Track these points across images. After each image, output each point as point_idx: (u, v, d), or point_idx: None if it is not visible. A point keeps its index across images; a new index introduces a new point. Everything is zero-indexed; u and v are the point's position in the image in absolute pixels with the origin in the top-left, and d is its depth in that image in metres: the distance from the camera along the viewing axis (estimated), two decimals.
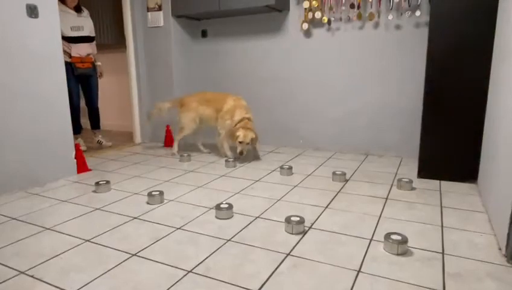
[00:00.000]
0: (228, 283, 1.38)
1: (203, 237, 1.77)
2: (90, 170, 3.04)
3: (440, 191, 2.38)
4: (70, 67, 3.53)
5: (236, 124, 3.14)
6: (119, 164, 3.26)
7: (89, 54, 3.70)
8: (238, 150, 3.09)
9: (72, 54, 3.55)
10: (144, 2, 3.95)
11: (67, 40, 3.48)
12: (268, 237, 1.76)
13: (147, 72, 4.11)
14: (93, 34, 3.78)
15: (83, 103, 3.87)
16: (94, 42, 3.82)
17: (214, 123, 3.43)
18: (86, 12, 3.71)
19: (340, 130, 3.57)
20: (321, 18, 3.37)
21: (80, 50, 3.61)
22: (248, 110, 3.26)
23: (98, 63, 3.92)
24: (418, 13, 3.02)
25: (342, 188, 2.48)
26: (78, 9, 3.61)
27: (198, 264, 1.51)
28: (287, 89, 3.76)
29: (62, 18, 3.39)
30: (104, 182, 2.51)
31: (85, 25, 3.66)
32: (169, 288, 1.35)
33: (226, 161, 3.11)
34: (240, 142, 3.06)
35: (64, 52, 3.44)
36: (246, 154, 3.16)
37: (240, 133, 3.05)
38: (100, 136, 4.09)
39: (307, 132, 3.73)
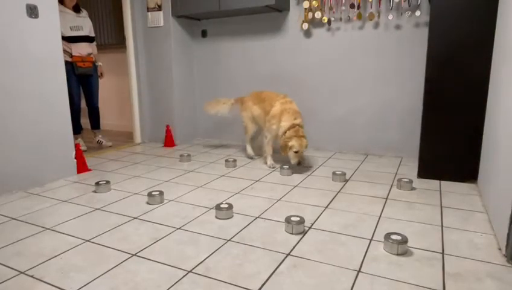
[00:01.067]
0: (228, 283, 1.38)
1: (203, 237, 1.77)
2: (90, 170, 3.04)
3: (440, 191, 2.38)
4: (71, 66, 3.53)
5: (285, 132, 2.83)
6: (119, 164, 3.26)
7: (89, 54, 3.71)
8: (295, 161, 2.81)
9: (73, 54, 3.55)
10: (143, 2, 3.95)
11: (67, 40, 3.49)
12: (268, 237, 1.76)
13: (146, 72, 4.11)
14: (92, 34, 3.79)
15: (83, 103, 3.87)
16: (94, 43, 3.83)
17: (262, 125, 3.18)
18: (84, 13, 3.72)
19: (340, 130, 3.57)
20: (321, 18, 3.37)
21: (80, 49, 3.61)
22: (297, 114, 2.92)
23: (99, 64, 3.92)
24: (418, 13, 3.02)
25: (342, 188, 2.48)
26: (76, 9, 3.62)
27: (198, 264, 1.51)
28: (287, 89, 3.74)
29: (61, 18, 3.38)
30: (104, 182, 2.51)
31: (84, 25, 3.66)
32: (169, 288, 1.35)
33: (226, 161, 3.11)
34: (296, 152, 2.79)
35: (65, 51, 3.45)
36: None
37: (295, 143, 2.76)
38: (100, 136, 4.09)
39: (307, 131, 3.71)
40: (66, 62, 3.40)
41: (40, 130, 2.62)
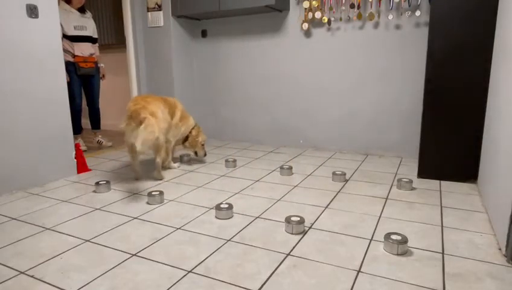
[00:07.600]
0: (228, 283, 1.38)
1: (203, 237, 1.77)
2: (90, 170, 3.04)
3: (440, 191, 2.38)
4: (73, 67, 3.53)
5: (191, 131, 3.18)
6: (119, 164, 3.26)
7: (92, 54, 3.71)
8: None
9: (75, 53, 3.55)
10: (143, 2, 3.95)
11: (70, 39, 3.49)
12: (268, 237, 1.76)
13: (146, 72, 4.11)
14: (96, 36, 3.79)
15: (84, 103, 3.87)
16: (97, 44, 3.83)
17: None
18: (89, 14, 3.73)
19: (340, 130, 3.57)
20: (321, 18, 3.37)
21: (83, 49, 3.61)
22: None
23: (101, 65, 3.92)
24: (418, 13, 3.02)
25: (342, 188, 2.48)
26: (82, 10, 3.63)
27: (198, 264, 1.51)
28: (287, 89, 3.76)
29: (66, 17, 3.40)
30: (104, 182, 2.51)
31: (88, 25, 3.66)
32: (169, 288, 1.35)
33: (226, 161, 3.11)
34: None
35: (68, 51, 3.45)
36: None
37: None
38: (100, 136, 4.09)
39: (307, 131, 3.73)
40: (69, 62, 3.40)
41: (40, 130, 2.62)
